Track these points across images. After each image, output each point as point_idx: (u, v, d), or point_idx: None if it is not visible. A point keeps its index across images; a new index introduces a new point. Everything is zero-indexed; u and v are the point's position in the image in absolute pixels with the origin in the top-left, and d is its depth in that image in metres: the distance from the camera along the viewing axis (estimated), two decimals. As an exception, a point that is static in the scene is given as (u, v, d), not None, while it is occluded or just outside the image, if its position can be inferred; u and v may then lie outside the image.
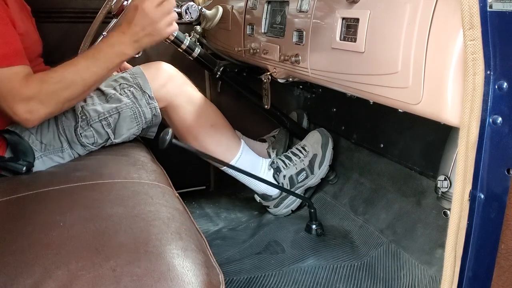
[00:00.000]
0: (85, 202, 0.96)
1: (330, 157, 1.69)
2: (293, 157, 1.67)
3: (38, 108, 1.11)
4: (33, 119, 1.12)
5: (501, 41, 0.65)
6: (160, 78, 1.42)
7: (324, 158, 1.67)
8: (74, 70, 1.15)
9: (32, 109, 1.10)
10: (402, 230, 1.43)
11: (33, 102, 1.10)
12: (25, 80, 1.10)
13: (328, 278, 1.35)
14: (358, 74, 1.02)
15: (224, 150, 1.53)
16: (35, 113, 1.11)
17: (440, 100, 0.81)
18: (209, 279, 0.76)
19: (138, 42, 1.19)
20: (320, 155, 1.68)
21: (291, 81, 1.51)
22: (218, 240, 1.63)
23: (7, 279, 0.71)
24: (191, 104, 1.50)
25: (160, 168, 1.26)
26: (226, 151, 1.55)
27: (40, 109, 1.11)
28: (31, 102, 1.10)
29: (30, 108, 1.10)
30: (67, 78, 1.14)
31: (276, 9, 1.43)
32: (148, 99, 1.35)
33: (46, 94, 1.11)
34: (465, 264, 0.73)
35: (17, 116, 1.10)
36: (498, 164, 0.68)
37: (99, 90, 1.32)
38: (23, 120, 1.11)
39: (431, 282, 1.25)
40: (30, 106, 1.10)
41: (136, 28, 1.17)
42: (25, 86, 1.09)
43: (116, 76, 1.38)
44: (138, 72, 1.37)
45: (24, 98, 1.09)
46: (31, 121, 1.13)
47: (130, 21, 1.18)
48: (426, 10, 0.83)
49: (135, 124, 1.34)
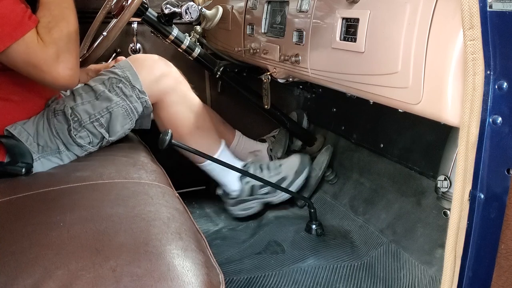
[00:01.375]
0: (85, 202, 0.96)
1: (299, 184, 1.69)
2: (265, 170, 1.67)
3: (67, 57, 1.11)
4: (73, 70, 1.13)
5: (501, 41, 0.65)
6: (153, 73, 1.40)
7: (292, 184, 1.68)
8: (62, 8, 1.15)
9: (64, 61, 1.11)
10: (402, 230, 1.43)
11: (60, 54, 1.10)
12: (41, 43, 1.09)
13: (328, 278, 1.35)
14: (358, 74, 1.02)
15: (205, 150, 1.53)
16: (68, 63, 1.12)
17: (440, 100, 0.81)
18: (209, 279, 0.76)
19: None
20: (289, 180, 1.68)
21: (291, 81, 1.51)
22: (218, 240, 1.63)
23: (7, 279, 0.71)
24: (182, 104, 1.48)
25: (160, 168, 1.26)
26: (206, 151, 1.54)
27: (68, 57, 1.12)
28: (59, 56, 1.10)
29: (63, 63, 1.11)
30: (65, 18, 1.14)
31: (276, 9, 1.43)
32: (138, 93, 1.33)
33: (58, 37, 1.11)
34: (465, 264, 0.73)
35: (60, 76, 1.11)
36: (498, 164, 0.68)
37: (88, 86, 1.31)
38: (67, 77, 1.12)
39: (431, 282, 1.25)
40: (61, 60, 1.10)
41: None
42: (44, 46, 1.09)
43: (104, 70, 1.36)
44: (127, 65, 1.35)
45: (53, 57, 1.09)
46: (73, 75, 1.13)
47: None
48: (426, 10, 0.83)
49: (128, 120, 1.33)
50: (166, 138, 1.31)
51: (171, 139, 1.32)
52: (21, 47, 1.08)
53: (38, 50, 1.09)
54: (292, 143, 1.99)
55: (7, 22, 1.07)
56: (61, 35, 1.12)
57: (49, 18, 1.13)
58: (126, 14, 1.30)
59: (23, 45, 1.08)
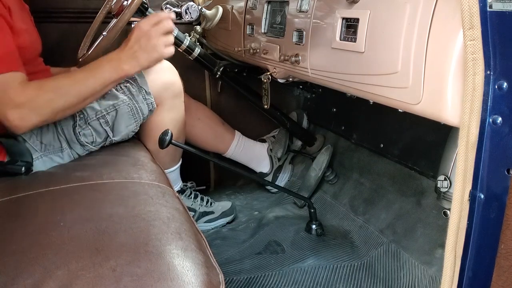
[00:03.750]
0: (85, 202, 0.96)
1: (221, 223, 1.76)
2: (198, 198, 1.74)
3: (30, 115, 1.10)
4: (23, 126, 1.12)
5: (501, 41, 0.65)
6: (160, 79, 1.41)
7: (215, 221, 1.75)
8: (71, 81, 1.17)
9: (24, 116, 1.10)
10: (402, 230, 1.43)
11: (25, 109, 1.10)
12: (20, 87, 1.09)
13: (328, 278, 1.35)
14: (358, 74, 1.02)
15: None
16: (26, 121, 1.11)
17: (440, 100, 0.81)
18: (209, 279, 0.76)
19: (135, 58, 1.21)
20: (215, 215, 1.75)
21: (291, 81, 1.51)
22: (218, 240, 1.63)
23: (7, 279, 0.71)
24: (171, 112, 1.47)
25: (160, 168, 1.26)
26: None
27: (32, 117, 1.11)
28: (23, 109, 1.09)
29: (22, 115, 1.09)
30: (63, 88, 1.15)
31: (276, 9, 1.43)
32: (145, 94, 1.34)
33: (40, 102, 1.11)
34: (465, 264, 0.73)
35: (8, 122, 1.10)
36: (498, 164, 0.68)
37: None
38: (13, 127, 1.11)
39: (431, 282, 1.25)
40: (22, 113, 1.09)
41: (133, 43, 1.21)
42: (20, 92, 1.09)
43: None
44: None
45: (16, 105, 1.08)
46: (22, 128, 1.12)
47: (128, 39, 1.22)
48: (426, 10, 0.83)
49: (133, 120, 1.33)
50: (166, 138, 1.31)
51: (171, 139, 1.32)
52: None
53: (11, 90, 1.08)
54: (292, 143, 1.99)
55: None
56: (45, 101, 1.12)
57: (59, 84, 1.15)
58: (126, 14, 1.30)
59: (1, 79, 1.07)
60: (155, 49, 1.22)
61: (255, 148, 1.91)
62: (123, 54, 1.21)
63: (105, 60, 1.21)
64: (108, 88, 1.23)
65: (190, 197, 1.71)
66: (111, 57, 1.21)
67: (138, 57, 1.21)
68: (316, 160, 1.81)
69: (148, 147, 1.43)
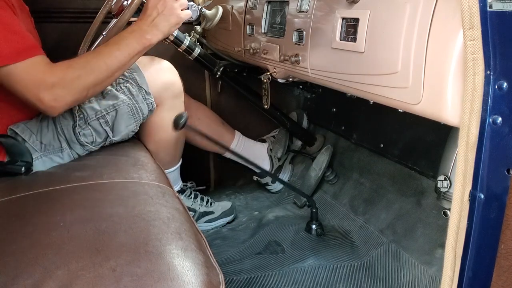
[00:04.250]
0: (85, 202, 0.96)
1: (221, 223, 1.76)
2: (198, 198, 1.74)
3: (63, 94, 1.12)
4: (58, 106, 1.13)
5: (501, 41, 0.65)
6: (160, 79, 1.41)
7: (215, 221, 1.75)
8: (98, 55, 1.18)
9: (57, 96, 1.11)
10: (402, 230, 1.43)
11: (58, 88, 1.11)
12: (48, 68, 1.11)
13: (328, 278, 1.35)
14: (358, 74, 1.02)
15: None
16: (60, 100, 1.12)
17: (440, 100, 0.81)
18: (209, 279, 0.76)
19: (156, 25, 1.24)
20: (215, 216, 1.75)
21: (291, 81, 1.51)
22: (218, 240, 1.63)
23: (7, 279, 0.71)
24: (170, 112, 1.44)
25: (160, 168, 1.26)
26: None
27: (66, 96, 1.12)
28: (56, 89, 1.10)
29: (56, 95, 1.11)
30: (91, 63, 1.16)
31: (276, 9, 1.43)
32: (145, 94, 1.34)
33: (71, 79, 1.12)
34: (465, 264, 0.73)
35: (43, 104, 1.11)
36: (498, 164, 0.68)
37: None
38: (49, 108, 1.12)
39: (431, 282, 1.25)
40: (56, 93, 1.10)
41: (151, 11, 1.24)
42: (49, 73, 1.10)
43: None
44: (134, 67, 1.36)
45: (49, 86, 1.10)
46: (57, 108, 1.13)
47: (146, 7, 1.25)
48: (426, 10, 0.83)
49: (133, 120, 1.33)
50: (181, 122, 1.29)
51: (186, 122, 1.30)
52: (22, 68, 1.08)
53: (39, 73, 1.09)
54: (292, 143, 1.99)
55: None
56: (75, 78, 1.13)
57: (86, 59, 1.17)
58: (126, 14, 1.30)
59: (24, 65, 1.08)
60: (173, 13, 1.26)
61: (255, 148, 1.91)
62: (143, 23, 1.23)
63: (127, 32, 1.22)
64: (134, 60, 1.24)
65: (190, 197, 1.71)
66: (132, 29, 1.23)
67: (158, 24, 1.24)
68: (316, 160, 1.81)
69: (148, 147, 1.43)
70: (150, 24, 1.23)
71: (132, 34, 1.22)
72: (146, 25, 1.23)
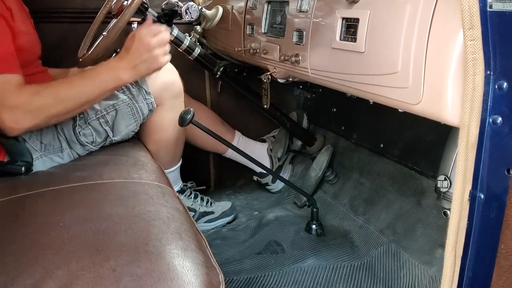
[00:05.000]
0: (85, 202, 0.96)
1: (221, 223, 1.76)
2: (198, 198, 1.74)
3: (24, 118, 1.11)
4: (18, 128, 1.12)
5: (501, 41, 0.65)
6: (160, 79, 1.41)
7: (215, 221, 1.75)
8: (69, 87, 1.17)
9: (18, 119, 1.10)
10: (402, 230, 1.43)
11: (20, 112, 1.10)
12: (17, 89, 1.09)
13: (328, 278, 1.35)
14: (358, 74, 1.02)
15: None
16: (21, 124, 1.11)
17: (440, 100, 0.81)
18: (209, 279, 0.76)
19: (135, 68, 1.21)
20: (215, 216, 1.75)
21: (291, 81, 1.51)
22: (218, 240, 1.63)
23: (7, 279, 0.71)
24: (170, 112, 1.45)
25: (160, 168, 1.26)
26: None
27: (27, 121, 1.11)
28: (18, 112, 1.10)
29: (17, 117, 1.10)
30: (61, 94, 1.15)
31: (276, 9, 1.43)
32: (145, 94, 1.34)
33: (35, 106, 1.12)
34: (465, 264, 0.73)
35: (3, 124, 1.10)
36: (498, 164, 0.68)
37: None
38: (8, 128, 1.11)
39: (431, 282, 1.25)
40: (17, 116, 1.10)
41: (134, 54, 1.21)
42: (15, 95, 1.09)
43: None
44: None
45: (11, 107, 1.09)
46: (16, 130, 1.13)
47: (128, 48, 1.22)
48: (426, 10, 0.83)
49: (133, 120, 1.33)
50: (187, 117, 1.28)
51: (193, 118, 1.29)
52: None
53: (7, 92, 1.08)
54: (292, 143, 1.99)
55: None
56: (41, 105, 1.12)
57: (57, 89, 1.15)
58: (126, 14, 1.30)
59: None
60: (156, 60, 1.24)
61: (255, 148, 1.91)
62: (123, 63, 1.21)
63: (104, 68, 1.21)
64: (105, 95, 1.23)
65: (190, 197, 1.71)
66: (110, 66, 1.21)
67: (138, 68, 1.22)
68: (316, 160, 1.81)
69: (148, 147, 1.43)
70: (129, 67, 1.21)
71: (110, 72, 1.20)
72: (125, 67, 1.21)
